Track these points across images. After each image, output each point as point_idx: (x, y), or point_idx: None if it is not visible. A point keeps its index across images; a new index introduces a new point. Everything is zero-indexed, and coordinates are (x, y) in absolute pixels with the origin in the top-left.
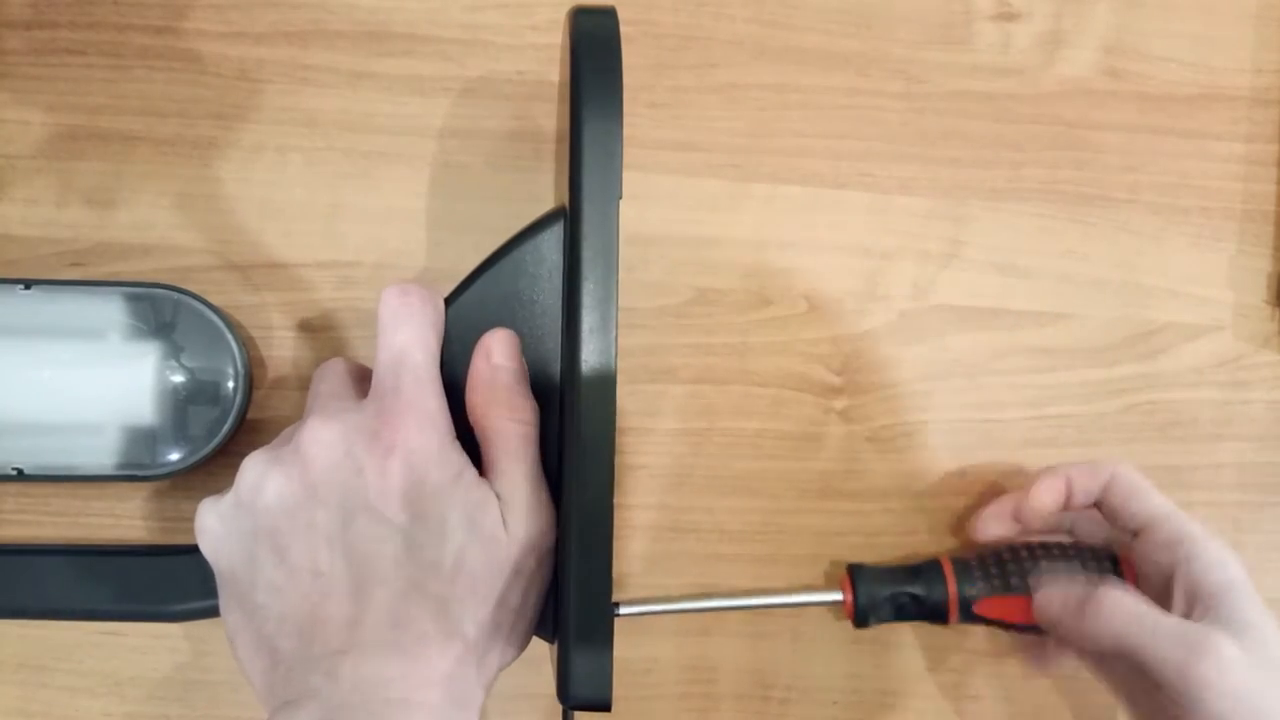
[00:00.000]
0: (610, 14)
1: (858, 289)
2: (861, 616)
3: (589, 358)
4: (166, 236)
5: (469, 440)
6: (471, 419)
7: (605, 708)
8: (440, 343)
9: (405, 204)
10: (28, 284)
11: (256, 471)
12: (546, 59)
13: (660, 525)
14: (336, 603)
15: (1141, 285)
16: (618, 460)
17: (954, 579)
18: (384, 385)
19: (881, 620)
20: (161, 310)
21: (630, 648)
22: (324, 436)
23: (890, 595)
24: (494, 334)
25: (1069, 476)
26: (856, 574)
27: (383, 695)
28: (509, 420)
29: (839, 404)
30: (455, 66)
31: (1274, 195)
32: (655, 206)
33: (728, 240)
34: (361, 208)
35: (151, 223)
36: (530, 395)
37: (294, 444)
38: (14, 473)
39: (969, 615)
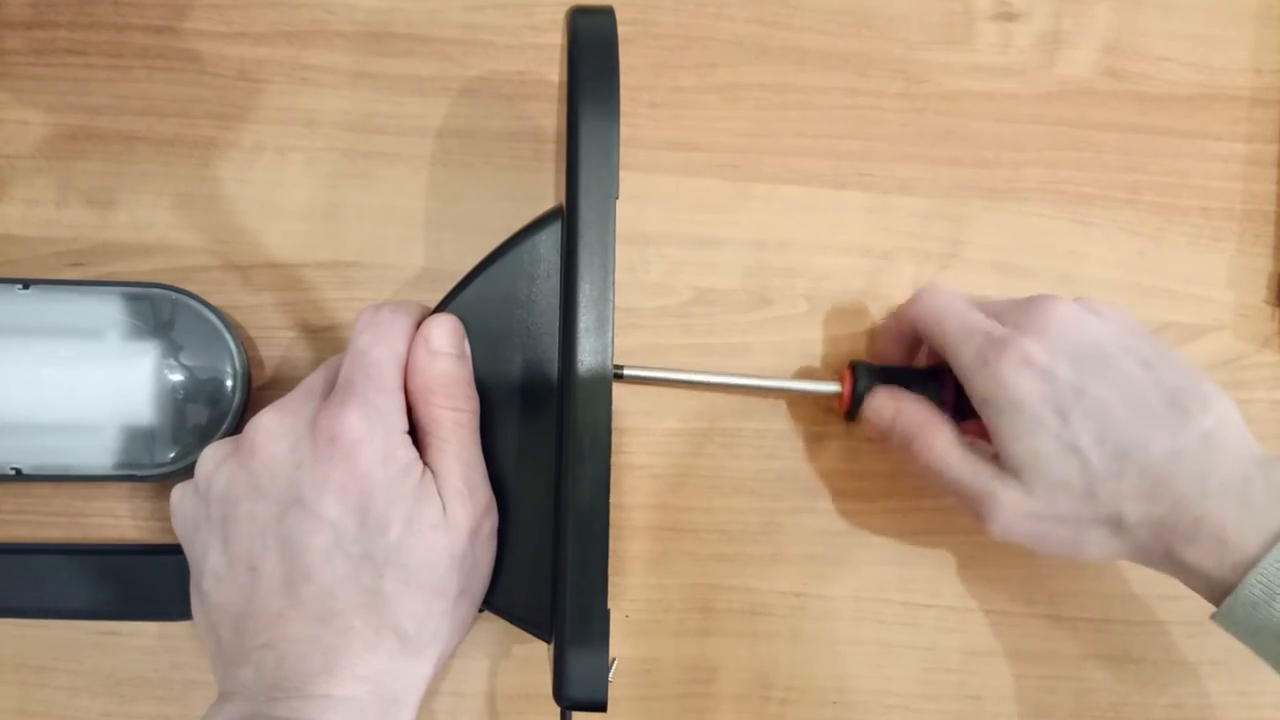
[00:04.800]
0: (608, 14)
1: (858, 289)
2: (858, 408)
3: (584, 357)
4: (166, 236)
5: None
6: (410, 406)
7: (600, 708)
8: (408, 348)
9: (405, 204)
10: (26, 284)
11: (213, 459)
12: (546, 59)
13: (660, 525)
14: (266, 595)
15: (1141, 285)
16: (617, 460)
17: (953, 385)
18: (341, 383)
19: None
20: (160, 310)
21: (630, 648)
22: (273, 428)
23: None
24: (433, 320)
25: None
26: (858, 369)
27: (304, 691)
28: (444, 409)
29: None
30: (455, 66)
31: (1274, 195)
32: (655, 206)
33: (728, 240)
34: (361, 208)
35: (151, 223)
36: (470, 383)
37: (246, 434)
38: (12, 473)
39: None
